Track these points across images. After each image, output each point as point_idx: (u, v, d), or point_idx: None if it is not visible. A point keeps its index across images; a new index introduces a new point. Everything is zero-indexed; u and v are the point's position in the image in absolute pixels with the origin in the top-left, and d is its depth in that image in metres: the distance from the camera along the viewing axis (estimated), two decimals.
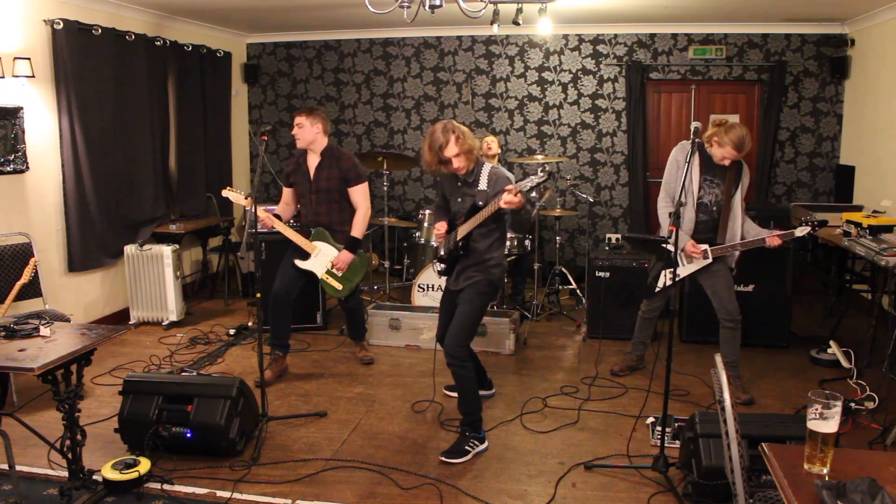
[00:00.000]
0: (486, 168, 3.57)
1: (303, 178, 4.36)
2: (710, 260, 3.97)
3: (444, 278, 3.78)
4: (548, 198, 5.49)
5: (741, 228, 3.98)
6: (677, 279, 4.02)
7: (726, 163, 3.88)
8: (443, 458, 3.37)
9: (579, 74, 6.99)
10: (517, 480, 3.20)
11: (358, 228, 4.37)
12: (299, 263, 4.34)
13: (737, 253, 4.04)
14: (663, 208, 4.09)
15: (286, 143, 7.66)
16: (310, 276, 4.38)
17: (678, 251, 4.00)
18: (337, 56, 7.43)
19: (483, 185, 3.51)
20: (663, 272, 4.12)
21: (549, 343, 5.20)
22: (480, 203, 3.48)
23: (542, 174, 3.33)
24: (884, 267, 4.16)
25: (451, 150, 3.42)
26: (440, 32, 7.13)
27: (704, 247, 3.96)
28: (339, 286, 4.40)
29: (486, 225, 3.49)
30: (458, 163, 3.46)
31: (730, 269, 4.08)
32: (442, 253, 3.69)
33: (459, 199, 3.61)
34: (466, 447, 3.42)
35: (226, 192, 4.32)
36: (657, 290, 4.17)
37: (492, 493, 3.07)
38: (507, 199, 3.24)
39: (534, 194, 5.62)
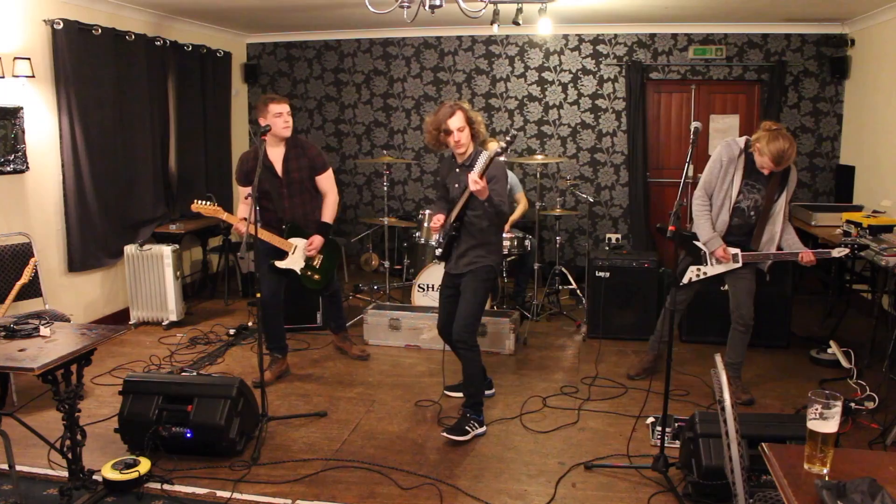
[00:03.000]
0: (484, 156, 3.57)
1: (267, 172, 4.13)
2: (739, 264, 3.89)
3: (443, 276, 3.83)
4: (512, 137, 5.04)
5: (780, 235, 3.87)
6: (704, 275, 3.97)
7: (765, 171, 3.76)
8: (444, 434, 3.52)
9: (579, 74, 6.99)
10: (517, 480, 3.20)
11: (329, 213, 4.34)
12: (279, 264, 4.24)
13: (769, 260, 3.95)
14: (697, 207, 3.96)
15: None
16: (290, 273, 4.30)
17: (708, 254, 3.96)
18: (337, 56, 7.43)
19: (478, 169, 3.54)
20: (691, 268, 4.04)
21: (549, 343, 5.20)
22: None
23: (507, 139, 3.30)
24: (884, 267, 4.16)
25: (455, 122, 3.47)
26: (440, 32, 7.13)
27: (735, 251, 3.88)
28: (317, 277, 4.37)
29: (476, 209, 3.53)
30: (460, 136, 3.49)
31: (761, 273, 3.99)
32: (439, 237, 3.75)
33: (457, 185, 3.65)
34: (467, 427, 3.56)
35: (196, 207, 4.08)
36: (682, 283, 4.06)
37: (492, 493, 3.07)
38: (472, 179, 3.25)
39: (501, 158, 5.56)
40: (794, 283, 4.93)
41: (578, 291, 6.11)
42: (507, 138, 3.32)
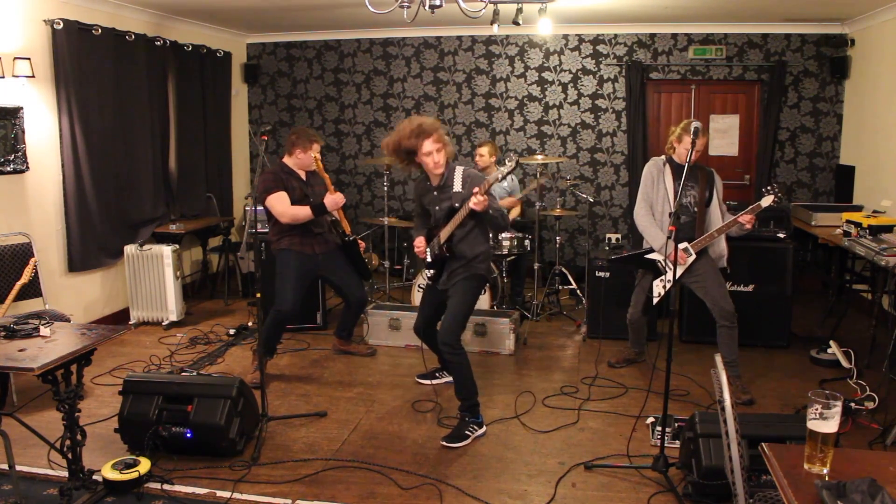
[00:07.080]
0: (459, 171, 3.62)
1: (297, 181, 4.40)
2: (693, 256, 3.98)
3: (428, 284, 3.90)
4: (534, 188, 5.68)
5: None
6: (670, 283, 4.04)
7: (698, 148, 3.53)
8: (444, 443, 3.48)
9: (579, 74, 6.99)
10: (517, 480, 3.20)
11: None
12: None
13: (723, 246, 4.05)
14: (643, 218, 4.14)
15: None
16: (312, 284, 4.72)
17: (664, 260, 4.07)
18: (337, 56, 7.43)
19: (457, 186, 3.58)
20: (655, 283, 4.17)
21: (549, 343, 5.20)
22: (457, 205, 3.54)
23: (509, 164, 3.29)
24: (884, 267, 4.17)
25: (433, 144, 3.47)
26: (440, 32, 7.13)
27: (684, 244, 3.98)
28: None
29: (465, 226, 3.56)
30: (439, 157, 3.50)
31: (723, 269, 4.10)
32: (429, 259, 3.77)
33: (437, 207, 3.68)
34: (466, 432, 3.55)
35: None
36: (656, 300, 4.17)
37: (492, 493, 3.07)
38: (475, 202, 3.31)
39: (505, 184, 5.76)
40: (794, 283, 4.92)
41: (578, 291, 6.11)
42: (510, 163, 3.27)
